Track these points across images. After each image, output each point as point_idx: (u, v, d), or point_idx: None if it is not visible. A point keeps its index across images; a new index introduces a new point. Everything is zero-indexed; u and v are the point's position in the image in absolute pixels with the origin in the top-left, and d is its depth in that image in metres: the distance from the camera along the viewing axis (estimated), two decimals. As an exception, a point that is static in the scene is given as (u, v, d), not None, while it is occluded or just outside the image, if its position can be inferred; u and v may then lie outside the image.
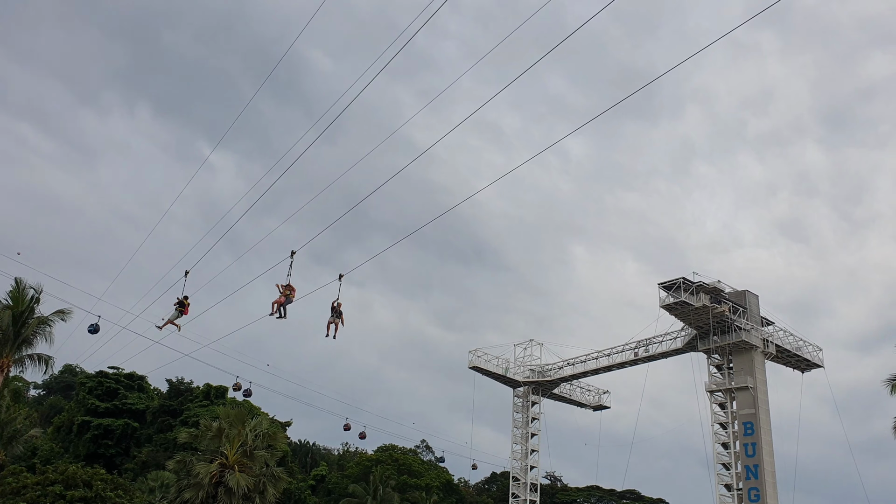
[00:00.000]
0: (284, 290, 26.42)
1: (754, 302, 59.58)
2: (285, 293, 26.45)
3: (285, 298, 26.47)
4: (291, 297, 26.59)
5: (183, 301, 29.24)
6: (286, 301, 26.53)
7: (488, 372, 70.00)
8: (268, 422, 53.76)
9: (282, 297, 26.44)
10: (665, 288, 56.60)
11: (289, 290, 26.52)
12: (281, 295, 26.42)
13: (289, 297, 26.54)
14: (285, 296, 26.47)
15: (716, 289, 56.72)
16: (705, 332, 58.26)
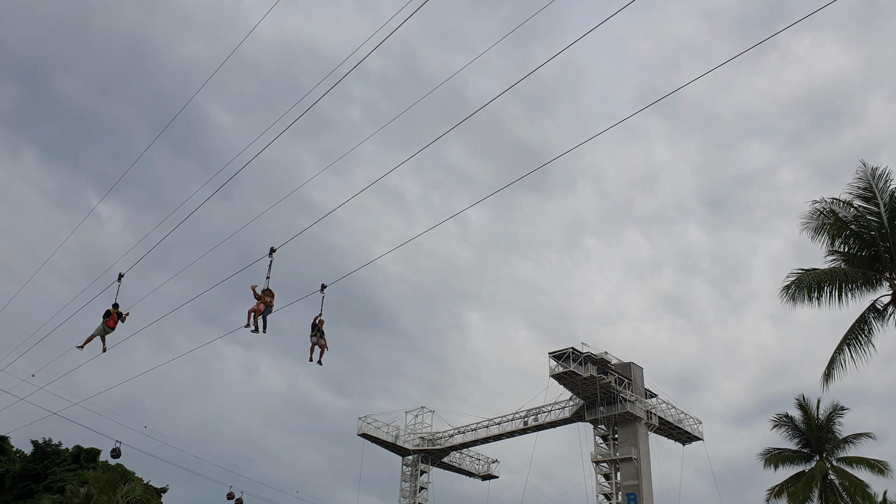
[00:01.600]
0: (263, 297, 21.71)
1: (639, 374, 61.40)
2: (265, 300, 21.72)
3: (265, 307, 21.74)
4: (271, 305, 21.87)
5: (110, 311, 23.45)
6: (266, 310, 21.79)
7: (377, 439, 68.76)
8: (142, 488, 50.68)
9: (260, 305, 21.65)
10: (555, 357, 57.65)
11: (269, 295, 21.85)
12: (259, 302, 21.67)
13: (269, 306, 21.81)
14: (265, 303, 21.73)
15: (603, 360, 58.19)
16: (592, 402, 59.42)
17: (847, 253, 25.90)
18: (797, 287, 25.58)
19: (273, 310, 21.93)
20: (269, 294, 21.82)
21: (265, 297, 21.72)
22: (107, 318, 23.23)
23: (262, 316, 21.75)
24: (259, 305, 21.61)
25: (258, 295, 21.67)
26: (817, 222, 25.98)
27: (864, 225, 25.44)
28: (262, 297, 21.69)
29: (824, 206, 25.86)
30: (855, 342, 25.41)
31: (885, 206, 24.96)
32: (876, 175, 25.47)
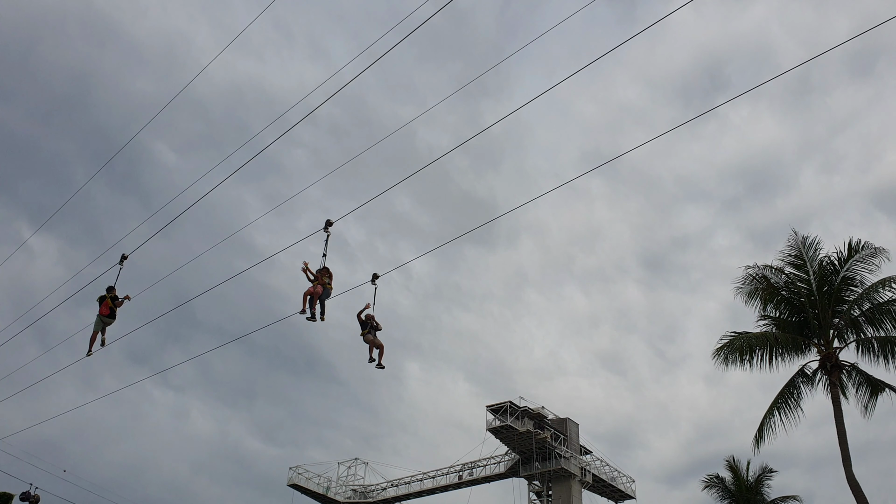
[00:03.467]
0: (320, 277, 18.34)
1: (575, 430, 61.51)
2: (321, 281, 18.33)
3: (322, 289, 18.32)
4: (329, 286, 18.53)
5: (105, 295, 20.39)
6: (323, 293, 18.38)
7: (308, 490, 66.89)
8: (55, 537, 47.95)
9: (317, 287, 18.21)
10: (492, 411, 57.40)
11: (325, 275, 18.48)
12: (315, 283, 18.23)
13: (326, 288, 18.45)
14: (322, 284, 18.31)
15: (540, 414, 58.16)
16: (528, 457, 59.16)
17: (778, 318, 26.63)
18: (729, 350, 26.12)
19: (331, 294, 18.63)
20: (325, 273, 18.53)
21: (322, 277, 18.41)
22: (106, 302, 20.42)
23: (320, 300, 18.42)
24: (316, 287, 18.21)
25: (313, 275, 18.34)
26: (750, 287, 26.72)
27: (794, 291, 26.25)
28: (319, 276, 18.35)
29: (757, 272, 26.65)
30: (784, 406, 25.96)
31: (815, 274, 25.84)
32: (806, 244, 26.44)
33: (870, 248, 25.46)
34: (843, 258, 25.64)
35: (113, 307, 20.29)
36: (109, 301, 20.30)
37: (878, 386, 25.28)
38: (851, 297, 25.53)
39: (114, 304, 20.29)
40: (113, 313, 20.29)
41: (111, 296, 20.33)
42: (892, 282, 24.79)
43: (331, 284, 18.52)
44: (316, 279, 18.28)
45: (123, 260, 20.50)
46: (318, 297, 18.32)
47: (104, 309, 20.25)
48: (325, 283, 18.41)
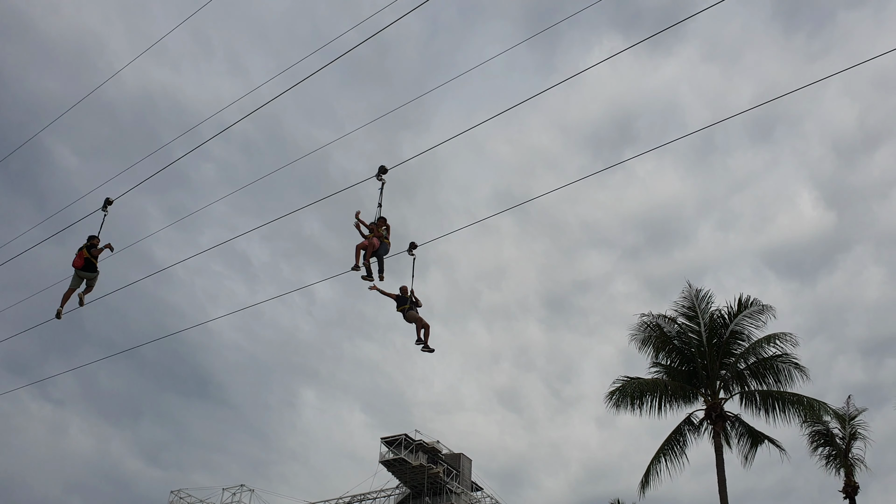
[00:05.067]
0: (375, 229, 15.62)
1: (468, 466, 61.43)
2: (378, 233, 15.62)
3: (379, 243, 15.61)
4: (387, 240, 15.82)
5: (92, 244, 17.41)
6: (380, 248, 15.65)
7: (189, 516, 64.20)
8: None
9: (373, 240, 15.51)
10: (387, 443, 56.73)
11: (382, 225, 15.77)
12: (370, 235, 15.55)
13: (384, 241, 15.73)
14: (378, 237, 15.61)
15: (434, 449, 57.85)
16: (419, 491, 58.59)
17: (669, 366, 27.44)
18: (621, 394, 26.71)
19: (390, 250, 15.91)
20: (382, 224, 15.77)
21: (378, 228, 15.68)
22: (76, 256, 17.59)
23: (377, 256, 15.74)
24: (373, 240, 15.53)
25: (366, 226, 15.71)
26: (644, 334, 27.48)
27: (685, 341, 27.14)
28: (375, 228, 15.67)
29: (651, 320, 27.44)
30: (671, 452, 26.65)
31: (705, 326, 26.81)
32: (699, 296, 27.45)
33: (758, 304, 26.64)
34: (732, 313, 26.72)
35: (90, 257, 17.49)
36: (85, 251, 17.47)
37: (759, 437, 26.30)
38: (738, 350, 26.60)
39: (90, 253, 17.50)
40: (90, 265, 17.47)
41: (88, 245, 17.52)
42: (777, 339, 25.98)
43: (388, 238, 15.84)
44: (371, 231, 15.67)
45: (108, 205, 17.70)
46: (374, 251, 15.64)
47: (77, 260, 17.48)
48: (382, 234, 15.75)
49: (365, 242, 15.51)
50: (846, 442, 29.11)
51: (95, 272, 17.51)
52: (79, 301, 17.58)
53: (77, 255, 17.44)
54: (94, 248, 17.41)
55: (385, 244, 15.73)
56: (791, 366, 25.68)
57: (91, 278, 17.51)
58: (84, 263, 17.33)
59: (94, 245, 17.41)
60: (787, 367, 25.71)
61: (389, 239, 15.84)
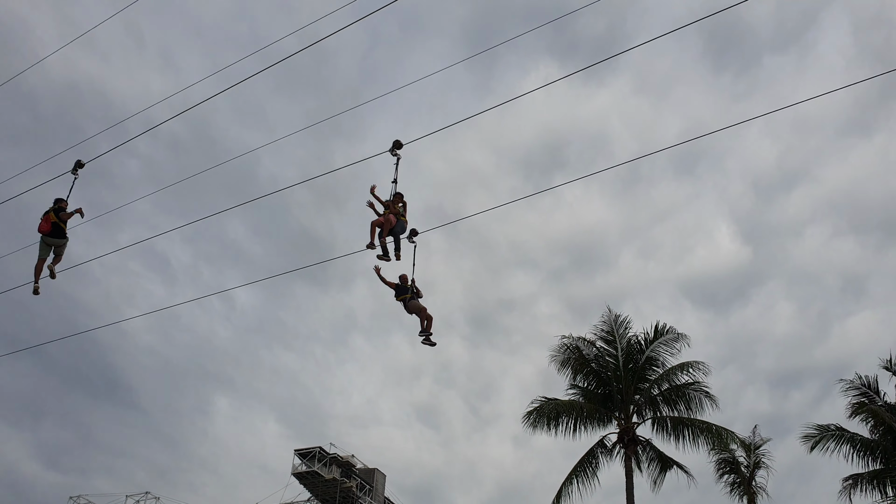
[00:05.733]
0: (392, 205, 14.58)
1: (381, 481, 60.87)
2: (394, 209, 14.57)
3: (395, 220, 14.55)
4: (404, 219, 14.68)
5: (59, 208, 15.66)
6: (397, 226, 14.60)
7: (88, 524, 61.58)
8: None
9: (390, 217, 14.47)
10: (300, 455, 55.75)
11: (399, 202, 14.71)
12: (387, 212, 14.54)
13: (401, 219, 14.63)
14: (395, 213, 14.56)
15: (349, 463, 57.14)
16: (331, 505, 57.78)
17: (586, 388, 27.82)
18: (539, 414, 26.93)
19: (408, 228, 14.76)
20: (399, 201, 14.63)
21: (394, 205, 14.57)
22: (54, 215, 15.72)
23: (393, 234, 14.64)
24: (389, 217, 14.44)
25: (382, 202, 14.63)
26: (564, 356, 27.80)
27: (602, 365, 27.59)
28: (391, 205, 14.59)
29: (571, 342, 27.80)
30: (583, 473, 26.94)
31: (623, 351, 27.32)
32: (618, 321, 27.98)
33: (674, 332, 27.31)
34: (649, 339, 27.32)
35: (58, 222, 15.74)
36: (53, 215, 15.66)
37: (668, 462, 26.88)
38: (653, 376, 27.19)
39: (58, 217, 15.73)
40: (59, 231, 15.76)
41: (55, 208, 15.73)
42: (690, 367, 26.67)
43: (405, 216, 14.71)
44: (387, 207, 14.61)
45: (79, 168, 16.11)
46: (392, 229, 14.61)
47: (44, 224, 15.74)
48: (399, 211, 14.61)
49: (380, 219, 14.50)
50: (750, 470, 30.02)
51: (64, 238, 15.81)
52: (50, 273, 15.97)
53: (43, 220, 15.72)
54: (63, 211, 15.67)
55: (402, 222, 14.68)
56: (702, 394, 26.39)
57: (59, 246, 15.87)
58: (52, 229, 15.59)
59: (61, 208, 15.68)
60: (698, 394, 26.40)
61: (406, 217, 14.77)
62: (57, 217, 15.63)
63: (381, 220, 14.45)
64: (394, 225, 14.52)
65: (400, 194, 14.68)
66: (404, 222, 14.70)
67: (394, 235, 14.67)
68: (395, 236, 14.69)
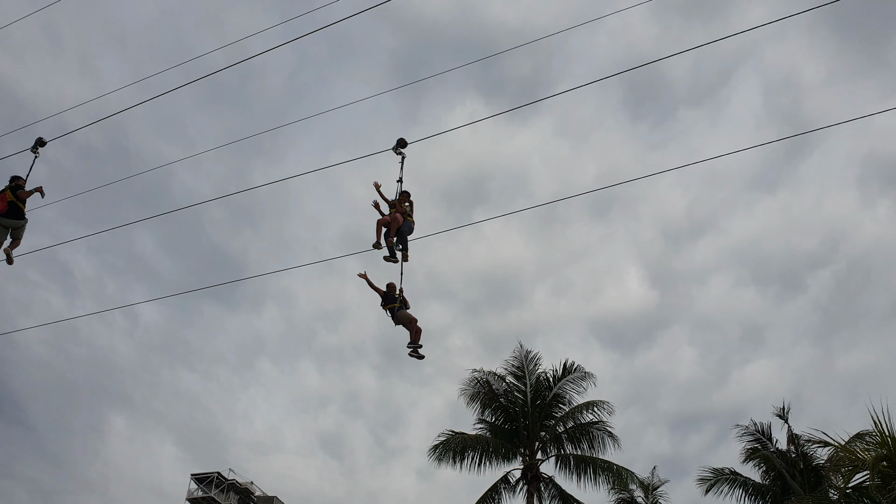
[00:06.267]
0: (398, 204, 13.90)
1: (281, 510, 59.29)
2: (401, 208, 13.87)
3: (402, 220, 13.78)
4: (411, 219, 13.95)
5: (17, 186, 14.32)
6: (404, 226, 13.81)
7: (-41, 547, 57.57)
8: None
9: (397, 216, 13.74)
10: (197, 480, 53.76)
11: (406, 202, 14.01)
12: (393, 210, 13.84)
13: (408, 218, 13.89)
14: (402, 212, 13.82)
15: (247, 490, 55.44)
16: (226, 534, 55.82)
17: (493, 423, 27.87)
18: (445, 448, 26.79)
19: (414, 229, 13.94)
20: (406, 199, 13.92)
21: (400, 204, 13.86)
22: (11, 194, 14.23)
23: (399, 234, 13.81)
24: (395, 215, 13.68)
25: (387, 201, 13.97)
26: (474, 390, 27.83)
27: (511, 400, 27.74)
28: (397, 204, 13.86)
29: (482, 377, 27.88)
30: (485, 509, 26.89)
31: (531, 387, 27.56)
32: (529, 357, 28.25)
33: (581, 371, 27.74)
34: (557, 376, 27.66)
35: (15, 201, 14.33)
36: (9, 193, 14.29)
37: (570, 500, 27.07)
38: (559, 414, 27.49)
39: (15, 196, 14.32)
40: (16, 211, 14.34)
41: (12, 185, 14.39)
42: (595, 406, 27.10)
43: (412, 216, 13.95)
44: (392, 206, 13.92)
45: (40, 146, 14.95)
46: (399, 228, 13.76)
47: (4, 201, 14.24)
48: (406, 210, 13.84)
49: (387, 218, 13.77)
50: (648, 510, 30.60)
51: (22, 220, 14.43)
52: (7, 258, 14.60)
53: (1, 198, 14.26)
54: (21, 189, 14.35)
55: (409, 222, 13.88)
56: (605, 433, 26.81)
57: (17, 227, 14.47)
58: (8, 208, 14.19)
59: (19, 186, 14.35)
60: (601, 434, 26.82)
61: (413, 217, 14.01)
62: (14, 196, 14.29)
63: (387, 219, 13.76)
64: (401, 224, 13.75)
65: (407, 193, 14.05)
66: (411, 222, 13.97)
67: (400, 236, 13.88)
68: (402, 236, 13.91)
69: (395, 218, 13.68)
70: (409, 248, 13.93)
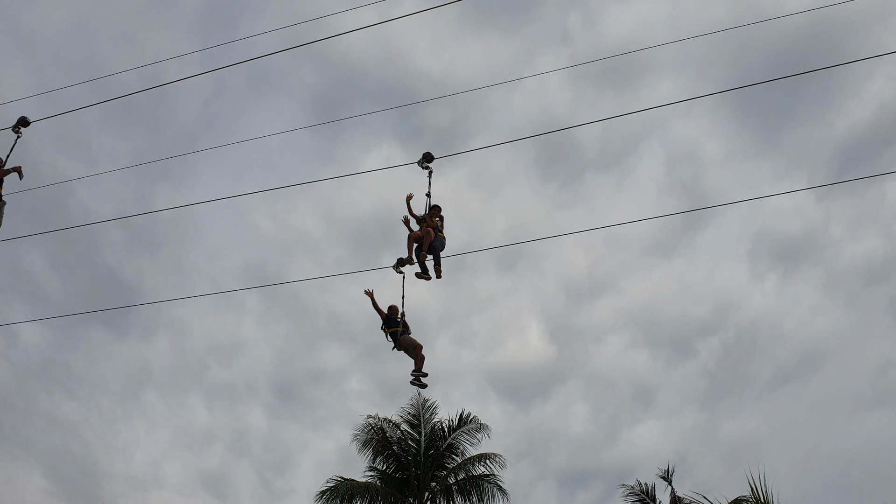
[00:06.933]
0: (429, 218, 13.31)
1: (153, 552, 56.32)
2: (432, 223, 13.27)
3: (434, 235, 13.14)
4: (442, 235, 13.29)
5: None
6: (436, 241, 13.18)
7: None
8: None
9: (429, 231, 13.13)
10: (64, 517, 50.58)
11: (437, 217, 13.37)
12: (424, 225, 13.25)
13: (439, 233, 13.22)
14: (433, 227, 13.19)
15: (119, 530, 52.54)
16: (90, 576, 52.49)
17: (384, 471, 27.43)
18: (332, 494, 26.12)
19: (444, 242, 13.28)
20: (436, 214, 13.35)
21: (432, 217, 13.31)
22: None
23: (432, 250, 13.19)
24: (427, 230, 13.08)
25: (415, 217, 13.43)
26: (367, 436, 27.38)
27: (404, 449, 27.42)
28: (427, 219, 13.29)
29: (376, 423, 27.49)
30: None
31: (426, 436, 27.35)
32: (425, 406, 28.08)
33: (476, 422, 27.74)
34: (452, 426, 27.56)
35: None
36: None
37: (454, 554, 26.83)
38: (451, 465, 27.32)
39: None
40: None
41: None
42: (488, 458, 27.09)
43: (443, 231, 13.40)
44: (422, 221, 13.36)
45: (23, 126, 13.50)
46: (431, 244, 13.11)
47: None
48: (437, 224, 13.28)
49: (418, 233, 13.23)
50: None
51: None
52: None
53: None
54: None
55: (440, 237, 13.37)
56: (495, 486, 26.78)
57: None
58: None
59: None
60: (491, 487, 26.76)
61: (444, 232, 13.50)
62: None
63: (419, 234, 13.24)
64: (433, 239, 13.24)
65: (437, 207, 13.59)
66: (443, 238, 13.50)
67: (433, 251, 13.35)
68: (435, 252, 13.35)
69: (428, 233, 13.22)
70: (441, 267, 13.42)
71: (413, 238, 13.26)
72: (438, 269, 13.36)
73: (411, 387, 14.14)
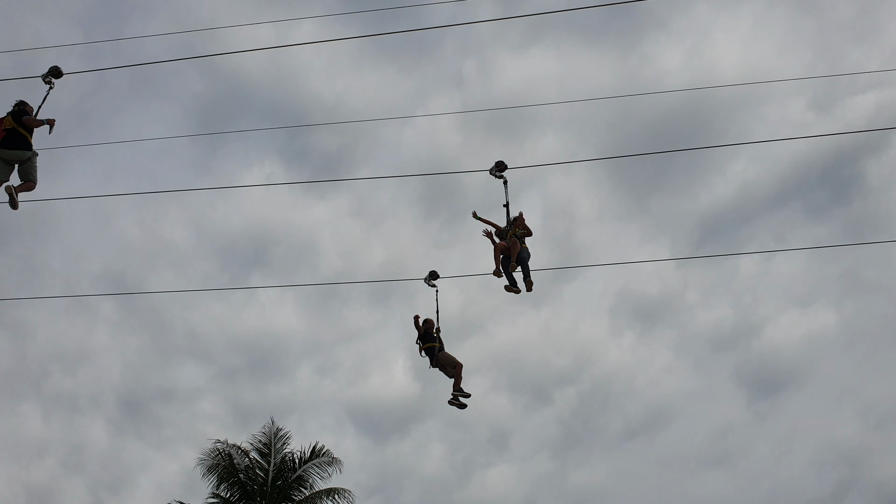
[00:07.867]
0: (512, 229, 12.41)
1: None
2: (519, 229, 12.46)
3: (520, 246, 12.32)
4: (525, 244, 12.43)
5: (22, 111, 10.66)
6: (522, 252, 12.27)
7: None
8: None
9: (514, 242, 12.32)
10: None
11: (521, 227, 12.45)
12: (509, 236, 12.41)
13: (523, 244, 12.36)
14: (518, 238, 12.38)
15: (-78, 545, 47.93)
16: None
17: (228, 499, 26.37)
18: (168, 521, 24.95)
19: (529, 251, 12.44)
20: (520, 226, 12.55)
21: (516, 227, 12.53)
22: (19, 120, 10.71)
23: (520, 261, 12.30)
24: (513, 240, 12.33)
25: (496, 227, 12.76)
26: (213, 461, 26.26)
27: (251, 477, 26.47)
28: (510, 231, 12.53)
29: (225, 448, 26.43)
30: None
31: (275, 466, 26.53)
32: (278, 435, 27.29)
33: (329, 456, 27.18)
34: (304, 458, 26.90)
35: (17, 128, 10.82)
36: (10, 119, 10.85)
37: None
38: (298, 497, 26.61)
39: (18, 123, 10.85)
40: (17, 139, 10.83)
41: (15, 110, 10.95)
42: (336, 493, 26.54)
43: (527, 238, 12.63)
44: (502, 234, 12.69)
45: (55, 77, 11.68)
46: (517, 256, 12.35)
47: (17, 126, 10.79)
48: (520, 234, 12.52)
49: (502, 244, 12.51)
50: None
51: (27, 150, 11.04)
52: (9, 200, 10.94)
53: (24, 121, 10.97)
54: (27, 115, 11.12)
55: (525, 247, 12.63)
56: (341, 522, 26.33)
57: (23, 161, 11.00)
58: (6, 136, 10.85)
59: (25, 112, 11.13)
60: (337, 522, 26.30)
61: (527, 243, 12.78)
62: (16, 122, 10.98)
63: (503, 246, 12.51)
64: (518, 252, 12.48)
65: (521, 218, 12.88)
66: (528, 251, 12.72)
67: (521, 262, 12.54)
68: (524, 263, 12.55)
69: (514, 243, 12.51)
70: (531, 277, 12.60)
71: (500, 249, 12.67)
72: (528, 280, 12.63)
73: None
